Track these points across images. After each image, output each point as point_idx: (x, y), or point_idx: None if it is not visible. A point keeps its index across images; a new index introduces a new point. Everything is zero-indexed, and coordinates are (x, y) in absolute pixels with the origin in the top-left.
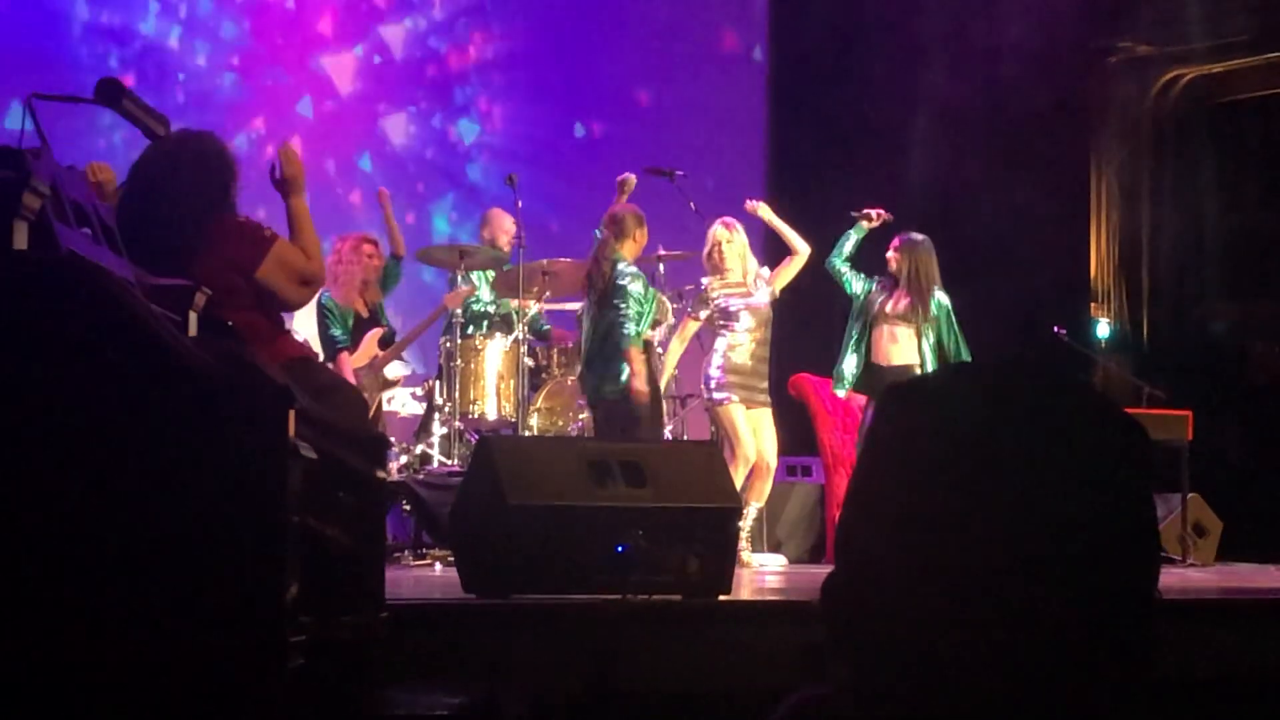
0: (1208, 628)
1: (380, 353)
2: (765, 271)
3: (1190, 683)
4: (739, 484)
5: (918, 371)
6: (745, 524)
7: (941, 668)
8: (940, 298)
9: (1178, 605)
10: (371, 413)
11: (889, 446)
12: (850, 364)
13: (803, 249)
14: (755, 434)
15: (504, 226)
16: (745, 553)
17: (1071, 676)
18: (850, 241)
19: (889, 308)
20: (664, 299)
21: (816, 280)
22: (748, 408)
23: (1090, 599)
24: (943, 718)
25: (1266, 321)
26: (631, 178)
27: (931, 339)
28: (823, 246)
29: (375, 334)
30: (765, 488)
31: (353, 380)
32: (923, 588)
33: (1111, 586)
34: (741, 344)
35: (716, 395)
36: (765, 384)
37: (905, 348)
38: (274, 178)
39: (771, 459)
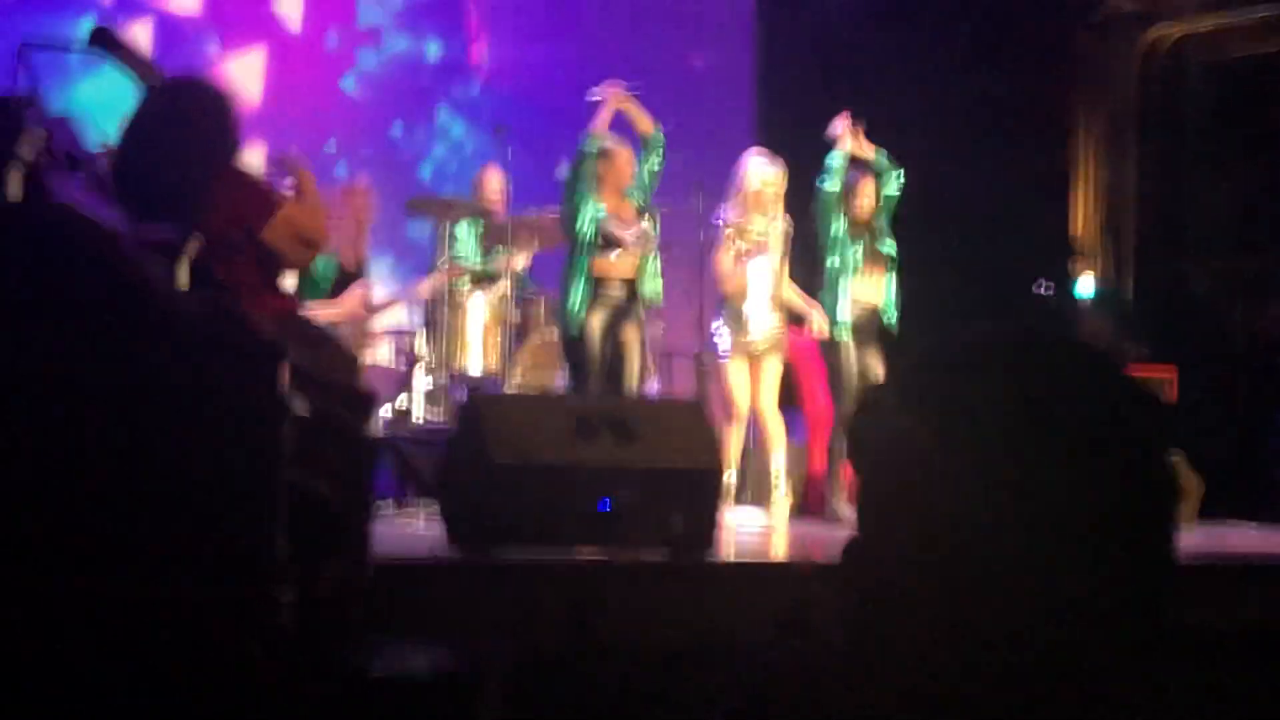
0: (1185, 590)
1: (364, 310)
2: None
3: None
4: (737, 442)
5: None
6: (778, 477)
7: (963, 633)
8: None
9: None
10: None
11: (909, 423)
12: None
13: (651, 133)
14: (754, 381)
15: (492, 186)
16: (779, 501)
17: (1093, 639)
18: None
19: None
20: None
21: (802, 226)
22: (755, 362)
23: (1111, 568)
24: (962, 678)
25: (1250, 281)
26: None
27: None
28: (808, 189)
29: (361, 289)
30: (776, 433)
31: None
32: (946, 557)
33: (1132, 556)
34: (753, 297)
35: (716, 353)
36: (778, 327)
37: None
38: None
39: (768, 406)
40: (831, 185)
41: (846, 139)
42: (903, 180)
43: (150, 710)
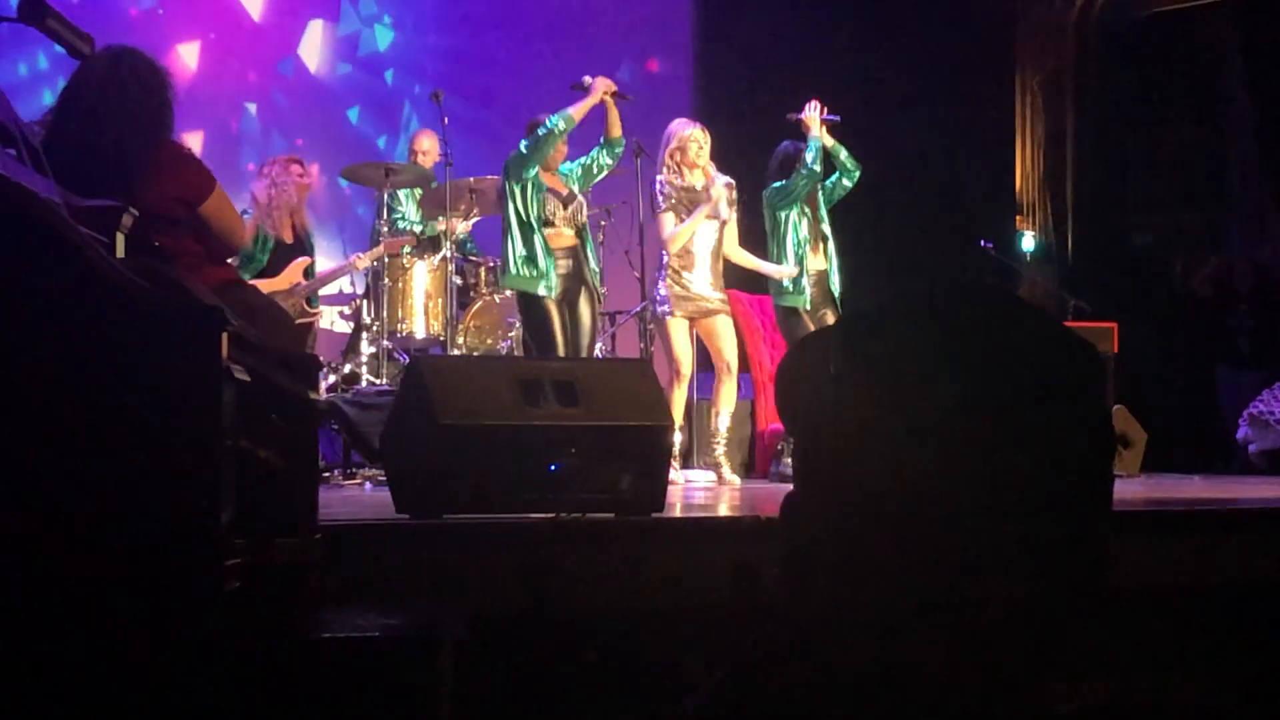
0: (1134, 538)
1: (303, 281)
2: (728, 180)
3: (1113, 593)
4: (681, 401)
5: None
6: (719, 436)
7: (899, 584)
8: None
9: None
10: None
11: (839, 375)
12: None
13: (617, 136)
14: (711, 339)
15: (425, 148)
16: (725, 469)
17: (1026, 589)
18: (812, 155)
19: None
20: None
21: (749, 195)
22: (698, 319)
23: (1044, 517)
24: (897, 630)
25: (1189, 234)
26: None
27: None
28: (754, 167)
29: (302, 262)
30: (729, 392)
31: None
32: (879, 509)
33: (1066, 504)
34: (693, 258)
35: (659, 310)
36: (719, 295)
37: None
38: None
39: (732, 359)
40: (816, 164)
41: (817, 129)
42: (858, 178)
43: (95, 681)
